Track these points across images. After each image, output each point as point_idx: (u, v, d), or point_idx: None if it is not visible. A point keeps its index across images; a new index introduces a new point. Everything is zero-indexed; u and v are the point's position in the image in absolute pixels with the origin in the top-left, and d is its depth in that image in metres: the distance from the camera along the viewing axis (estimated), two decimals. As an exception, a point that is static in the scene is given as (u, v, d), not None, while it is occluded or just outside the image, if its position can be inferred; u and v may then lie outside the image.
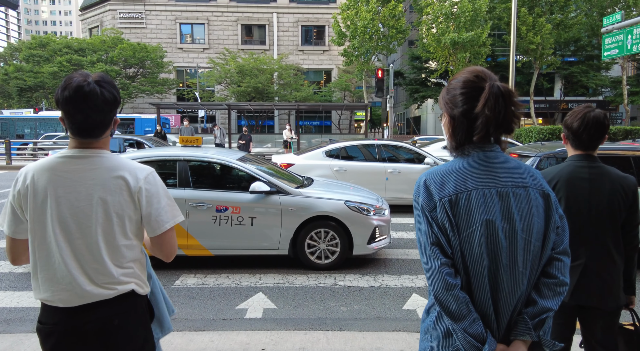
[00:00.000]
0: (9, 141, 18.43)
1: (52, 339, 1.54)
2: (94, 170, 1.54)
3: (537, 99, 31.47)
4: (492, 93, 1.30)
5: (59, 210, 1.52)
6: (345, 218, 5.21)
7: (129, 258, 1.61)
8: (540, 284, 1.36)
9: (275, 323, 3.90)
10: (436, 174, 1.38)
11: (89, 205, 1.53)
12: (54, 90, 31.07)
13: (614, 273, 2.05)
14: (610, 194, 2.04)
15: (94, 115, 1.52)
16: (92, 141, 1.57)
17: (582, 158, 2.11)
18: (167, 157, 5.44)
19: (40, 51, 31.62)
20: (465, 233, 1.31)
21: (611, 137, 16.65)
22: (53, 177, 1.52)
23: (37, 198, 1.52)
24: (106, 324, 1.56)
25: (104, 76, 1.57)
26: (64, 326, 1.53)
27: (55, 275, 1.52)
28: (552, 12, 25.84)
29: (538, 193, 1.37)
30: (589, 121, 2.06)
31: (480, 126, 1.32)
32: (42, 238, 1.53)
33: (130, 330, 1.61)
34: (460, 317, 1.28)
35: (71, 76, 1.53)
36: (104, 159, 1.57)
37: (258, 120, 32.25)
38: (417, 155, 9.40)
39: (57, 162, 1.54)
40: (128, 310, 1.60)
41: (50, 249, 1.52)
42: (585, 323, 2.13)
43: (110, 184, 1.54)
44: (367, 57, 27.03)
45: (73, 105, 1.50)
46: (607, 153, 5.30)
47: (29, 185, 1.52)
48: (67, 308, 1.53)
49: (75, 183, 1.53)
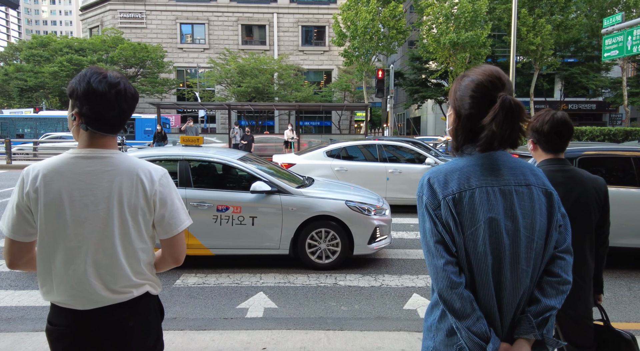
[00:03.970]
0: (9, 141, 18.43)
1: (64, 341, 1.50)
2: (109, 171, 1.49)
3: (537, 100, 31.48)
4: (503, 108, 1.27)
5: (74, 214, 1.46)
6: (346, 218, 5.21)
7: (145, 262, 1.58)
8: (544, 283, 1.36)
9: (276, 323, 3.91)
10: (439, 173, 1.38)
11: (106, 208, 1.48)
12: (54, 90, 31.13)
13: (586, 277, 2.06)
14: (586, 197, 2.05)
15: (127, 111, 1.53)
16: (110, 137, 1.54)
17: (554, 162, 2.12)
18: (168, 156, 5.44)
19: (41, 51, 31.62)
20: (469, 231, 1.31)
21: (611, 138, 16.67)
22: (67, 179, 1.46)
23: (50, 202, 1.44)
24: (122, 326, 1.53)
25: (122, 74, 1.56)
26: (77, 328, 1.50)
27: (70, 280, 1.48)
28: (553, 13, 25.86)
29: (541, 191, 1.37)
30: (559, 124, 2.07)
31: (484, 139, 1.31)
32: (56, 242, 1.47)
33: (144, 331, 1.59)
34: (464, 315, 1.28)
35: (99, 71, 1.49)
36: (118, 159, 1.52)
37: (258, 120, 32.25)
38: (418, 155, 9.40)
39: (69, 163, 1.48)
40: (142, 311, 1.58)
41: (65, 254, 1.47)
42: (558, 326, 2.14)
43: (127, 186, 1.50)
44: (367, 57, 27.04)
45: (110, 100, 1.47)
46: (610, 154, 5.31)
47: (39, 187, 1.44)
48: (82, 310, 1.50)
49: (91, 185, 1.47)
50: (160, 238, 1.61)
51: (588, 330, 2.10)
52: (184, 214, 1.62)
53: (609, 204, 2.14)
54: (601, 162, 5.26)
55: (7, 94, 34.63)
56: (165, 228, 1.58)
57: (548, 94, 34.72)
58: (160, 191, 1.55)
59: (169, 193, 1.58)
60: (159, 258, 1.67)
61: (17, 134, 24.54)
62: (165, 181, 1.59)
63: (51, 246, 1.47)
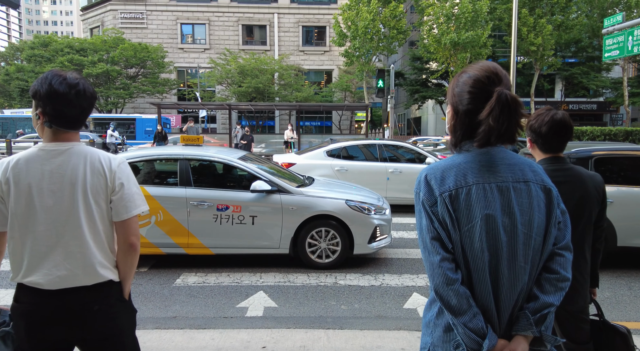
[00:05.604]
0: (9, 141, 18.47)
1: (27, 318, 1.63)
2: (71, 161, 1.66)
3: (538, 100, 31.45)
4: (498, 102, 1.28)
5: (42, 200, 1.62)
6: (346, 217, 5.21)
7: (109, 245, 1.73)
8: (542, 280, 1.36)
9: (276, 322, 3.91)
10: (436, 170, 1.38)
11: (71, 194, 1.64)
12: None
13: (584, 272, 2.08)
14: (586, 195, 2.06)
15: (87, 109, 1.70)
16: (73, 132, 1.70)
17: (553, 161, 2.12)
18: (168, 156, 5.45)
19: (42, 51, 31.63)
20: (465, 227, 1.31)
21: (612, 138, 16.66)
22: (34, 169, 1.62)
23: (19, 190, 1.61)
24: (87, 309, 1.65)
25: (81, 74, 1.72)
26: (41, 306, 1.62)
27: (40, 261, 1.62)
28: (553, 13, 25.86)
29: (539, 188, 1.37)
30: (558, 124, 2.07)
31: (481, 134, 1.31)
32: (27, 227, 1.62)
33: (109, 317, 1.70)
34: (460, 312, 1.28)
35: (58, 73, 1.64)
36: (80, 150, 1.69)
37: (259, 120, 32.26)
38: (418, 155, 9.40)
39: (36, 155, 1.64)
40: (107, 296, 1.70)
41: (35, 238, 1.62)
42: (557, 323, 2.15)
43: (89, 173, 1.66)
44: (368, 57, 27.04)
45: (71, 100, 1.63)
46: (623, 154, 5.34)
47: (10, 177, 1.61)
48: (47, 290, 1.62)
49: (56, 174, 1.63)
50: (115, 221, 1.73)
51: (586, 324, 2.11)
52: (140, 199, 1.76)
53: (606, 200, 2.16)
54: (615, 162, 5.29)
55: (8, 94, 34.67)
56: (120, 210, 1.71)
57: (549, 95, 34.70)
58: (118, 177, 1.71)
59: (127, 179, 1.74)
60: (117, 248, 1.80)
61: (17, 134, 24.58)
62: (124, 167, 1.75)
63: (22, 231, 1.63)
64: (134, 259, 1.77)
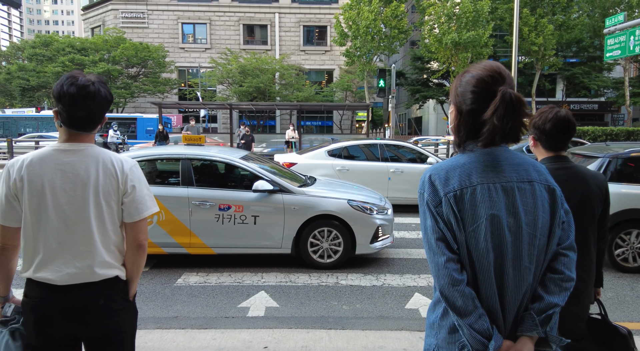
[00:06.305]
0: (11, 140, 18.48)
1: (36, 312, 1.66)
2: (85, 161, 1.69)
3: (539, 100, 31.43)
4: (503, 102, 1.27)
5: (54, 199, 1.66)
6: (348, 217, 5.20)
7: (117, 244, 1.76)
8: (547, 280, 1.36)
9: (278, 322, 3.91)
10: (441, 170, 1.38)
11: (82, 194, 1.68)
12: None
13: (590, 271, 2.08)
14: (590, 194, 2.06)
15: (96, 111, 1.71)
16: (86, 134, 1.73)
17: (556, 160, 2.12)
18: (170, 155, 5.44)
19: (44, 50, 31.67)
20: (470, 228, 1.30)
21: (613, 138, 16.63)
22: (48, 168, 1.66)
23: (33, 188, 1.65)
24: (92, 304, 1.69)
25: (101, 78, 1.75)
26: (49, 300, 1.66)
27: (52, 258, 1.66)
28: (555, 13, 25.82)
29: (543, 188, 1.36)
30: (561, 121, 2.07)
31: (486, 134, 1.31)
32: (39, 224, 1.66)
33: (113, 312, 1.74)
34: (466, 313, 1.27)
35: (74, 75, 1.68)
36: (94, 151, 1.72)
37: (260, 120, 32.26)
38: (420, 155, 9.39)
39: (50, 155, 1.68)
40: (112, 292, 1.74)
41: (47, 235, 1.66)
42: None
43: (101, 174, 1.70)
44: (369, 57, 27.02)
45: (78, 101, 1.65)
46: None
47: (23, 175, 1.65)
48: (56, 285, 1.66)
49: (69, 173, 1.67)
50: (126, 221, 1.77)
51: (584, 322, 2.12)
52: (151, 201, 1.81)
53: (609, 199, 2.16)
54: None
55: (10, 93, 34.73)
56: (132, 211, 1.75)
57: (550, 94, 34.67)
58: (130, 179, 1.75)
59: (138, 181, 1.78)
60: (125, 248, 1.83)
61: (18, 134, 24.61)
62: (135, 170, 1.79)
63: (34, 228, 1.67)
64: (142, 259, 1.81)
